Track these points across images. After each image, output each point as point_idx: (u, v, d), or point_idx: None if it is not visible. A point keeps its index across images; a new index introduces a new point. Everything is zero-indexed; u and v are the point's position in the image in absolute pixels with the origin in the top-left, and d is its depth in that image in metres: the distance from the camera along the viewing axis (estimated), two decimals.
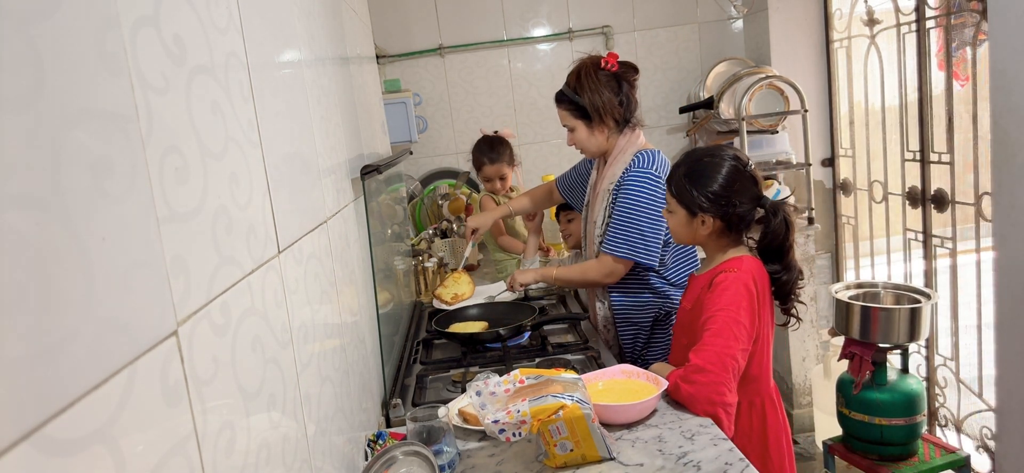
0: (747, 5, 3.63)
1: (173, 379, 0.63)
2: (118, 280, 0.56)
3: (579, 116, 1.98)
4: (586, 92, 1.95)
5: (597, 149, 2.03)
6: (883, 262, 3.11)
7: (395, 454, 1.19)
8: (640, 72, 2.03)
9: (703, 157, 1.57)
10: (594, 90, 1.94)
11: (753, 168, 1.59)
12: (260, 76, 0.98)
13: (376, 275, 1.73)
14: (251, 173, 0.89)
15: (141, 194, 0.61)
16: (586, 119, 1.98)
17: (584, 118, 1.98)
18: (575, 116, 1.99)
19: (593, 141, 2.01)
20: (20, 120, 0.46)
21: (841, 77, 3.38)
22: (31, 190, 0.47)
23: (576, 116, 1.99)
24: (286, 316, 0.97)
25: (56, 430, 0.46)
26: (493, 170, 2.99)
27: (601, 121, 1.96)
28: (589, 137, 2.00)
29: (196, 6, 0.78)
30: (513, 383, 1.30)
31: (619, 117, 1.97)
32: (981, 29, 2.38)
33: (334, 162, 1.44)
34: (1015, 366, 2.03)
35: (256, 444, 0.80)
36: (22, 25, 0.47)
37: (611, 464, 1.28)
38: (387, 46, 3.59)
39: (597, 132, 1.99)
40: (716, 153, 1.57)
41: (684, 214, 1.57)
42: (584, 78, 1.96)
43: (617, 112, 1.96)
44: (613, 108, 1.95)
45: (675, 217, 1.60)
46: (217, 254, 0.75)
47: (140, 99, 0.62)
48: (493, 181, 3.02)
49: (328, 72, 1.51)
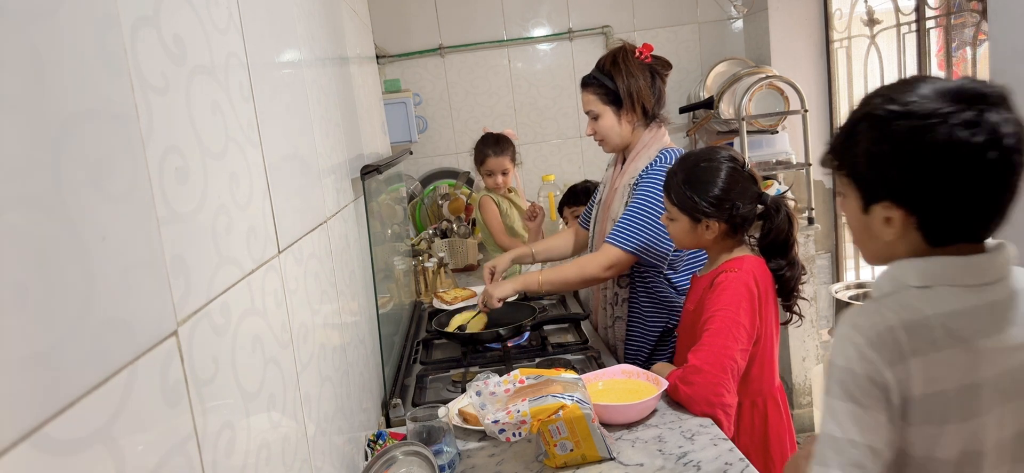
0: (747, 5, 3.63)
1: (173, 379, 0.63)
2: (118, 280, 0.56)
3: (609, 101, 1.91)
4: (621, 76, 1.88)
5: (620, 141, 1.96)
6: None
7: (395, 454, 1.19)
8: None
9: (699, 162, 1.56)
10: (630, 74, 1.88)
11: (750, 166, 1.59)
12: (260, 76, 0.98)
13: (376, 275, 1.73)
14: (251, 173, 0.89)
15: (141, 194, 0.61)
16: (616, 105, 1.91)
17: (614, 103, 1.91)
18: (604, 101, 1.92)
19: (618, 131, 1.93)
20: (20, 120, 0.46)
21: (841, 77, 3.38)
22: (31, 190, 0.47)
23: (605, 101, 1.91)
24: (286, 316, 0.97)
25: (56, 430, 0.46)
26: (496, 163, 2.99)
27: (632, 108, 1.90)
28: (615, 125, 1.93)
29: (196, 6, 0.78)
30: (513, 383, 1.30)
31: (649, 107, 1.91)
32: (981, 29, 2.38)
33: (334, 162, 1.44)
34: None
35: (256, 444, 0.80)
36: (22, 25, 0.47)
37: (611, 464, 1.28)
38: (387, 46, 3.59)
39: (624, 121, 1.92)
40: (712, 156, 1.56)
41: (687, 221, 1.56)
42: (620, 61, 1.89)
43: (649, 101, 1.90)
44: (645, 96, 1.89)
45: (678, 224, 1.59)
46: (217, 254, 0.75)
47: (140, 99, 0.62)
48: (495, 175, 3.01)
49: (328, 72, 1.51)
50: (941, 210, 0.85)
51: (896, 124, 0.84)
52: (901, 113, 0.84)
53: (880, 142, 0.86)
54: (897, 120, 0.84)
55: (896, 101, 0.85)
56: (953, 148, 0.80)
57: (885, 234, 0.89)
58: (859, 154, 0.89)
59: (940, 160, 0.81)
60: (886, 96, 0.87)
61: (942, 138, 0.80)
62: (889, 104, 0.86)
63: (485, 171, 3.03)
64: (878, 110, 0.87)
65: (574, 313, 2.23)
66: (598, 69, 1.95)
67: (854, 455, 0.83)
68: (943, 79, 0.86)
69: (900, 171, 0.85)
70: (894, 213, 0.87)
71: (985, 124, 0.80)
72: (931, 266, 0.87)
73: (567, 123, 3.82)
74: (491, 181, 3.03)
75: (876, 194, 0.89)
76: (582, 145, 3.84)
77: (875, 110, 0.88)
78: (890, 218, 0.88)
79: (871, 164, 0.88)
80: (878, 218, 0.89)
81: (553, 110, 3.80)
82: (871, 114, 0.88)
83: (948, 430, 0.85)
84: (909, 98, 0.84)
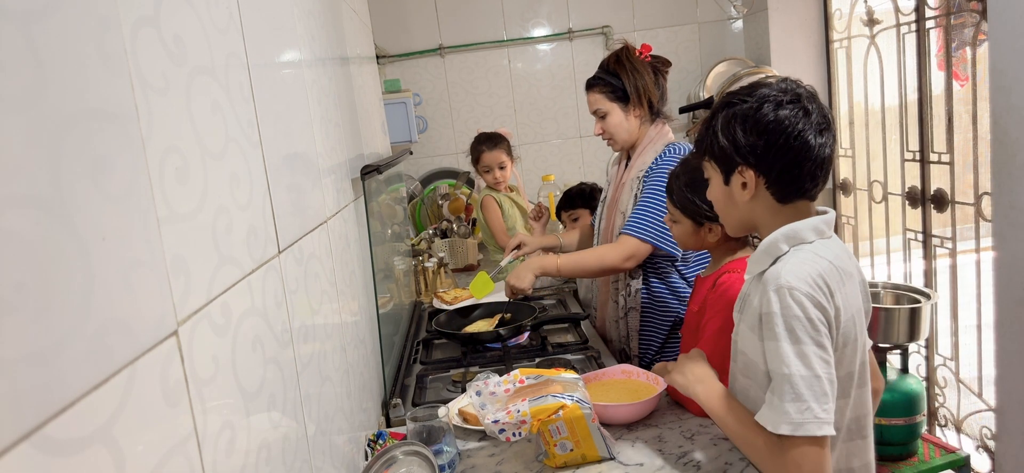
0: (747, 5, 3.63)
1: (173, 379, 0.63)
2: (118, 280, 0.56)
3: (616, 99, 1.96)
4: (626, 72, 1.94)
5: (628, 137, 2.00)
6: (883, 262, 3.11)
7: (395, 454, 1.19)
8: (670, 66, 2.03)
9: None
10: (634, 70, 1.94)
11: None
12: (260, 76, 0.98)
13: (376, 275, 1.73)
14: (251, 173, 0.89)
15: (141, 194, 0.61)
16: (623, 102, 1.96)
17: (621, 100, 1.96)
18: (611, 99, 1.96)
19: (626, 127, 1.98)
20: (20, 120, 0.46)
21: (841, 77, 3.38)
22: (31, 190, 0.47)
23: (612, 99, 1.96)
24: (286, 316, 0.97)
25: (56, 430, 0.46)
26: (491, 157, 2.99)
27: (639, 103, 1.95)
28: (623, 121, 1.97)
29: (196, 6, 0.78)
30: (513, 383, 1.30)
31: (655, 102, 1.97)
32: (981, 29, 2.38)
33: (334, 162, 1.44)
34: (1015, 366, 2.04)
35: (256, 444, 0.80)
36: (22, 25, 0.47)
37: (611, 464, 1.28)
38: (387, 46, 3.59)
39: (631, 117, 1.97)
40: None
41: (690, 224, 1.56)
42: (624, 60, 1.95)
43: (654, 96, 1.96)
44: (651, 91, 1.95)
45: (681, 227, 1.59)
46: (217, 254, 0.75)
47: (140, 99, 0.62)
48: (492, 170, 3.00)
49: (328, 72, 1.51)
50: (779, 171, 1.11)
51: (742, 106, 1.12)
52: (744, 98, 1.13)
53: (731, 120, 1.13)
54: (742, 103, 1.12)
55: (742, 92, 1.14)
56: (780, 121, 1.09)
57: (743, 197, 1.15)
58: (717, 134, 1.15)
59: (774, 129, 1.09)
60: (734, 92, 1.15)
61: (772, 113, 1.09)
62: (737, 95, 1.14)
63: (482, 167, 3.03)
64: (729, 100, 1.15)
65: (574, 313, 2.23)
66: (602, 69, 1.99)
67: (822, 387, 1.02)
68: (777, 81, 1.14)
69: (747, 137, 1.11)
70: (747, 176, 1.13)
71: (801, 107, 1.09)
72: (812, 224, 1.12)
73: (567, 123, 3.82)
74: (490, 177, 3.03)
75: (732, 163, 1.14)
76: (582, 145, 3.84)
77: (727, 100, 1.16)
78: (746, 182, 1.13)
79: (726, 137, 1.14)
80: (737, 184, 1.15)
81: (553, 110, 3.80)
82: (724, 103, 1.16)
83: (848, 350, 1.10)
84: (751, 90, 1.13)
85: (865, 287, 1.20)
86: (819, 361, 1.03)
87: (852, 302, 1.10)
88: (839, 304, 1.06)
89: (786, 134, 1.09)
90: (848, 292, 1.09)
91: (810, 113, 1.09)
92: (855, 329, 1.11)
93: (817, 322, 1.03)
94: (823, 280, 1.05)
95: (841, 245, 1.15)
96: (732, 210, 1.20)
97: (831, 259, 1.09)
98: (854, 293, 1.12)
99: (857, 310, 1.12)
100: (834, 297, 1.06)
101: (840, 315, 1.07)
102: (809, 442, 1.02)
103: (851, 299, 1.10)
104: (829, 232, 1.14)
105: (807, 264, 1.06)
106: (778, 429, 1.03)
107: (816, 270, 1.06)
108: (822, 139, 1.10)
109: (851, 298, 1.10)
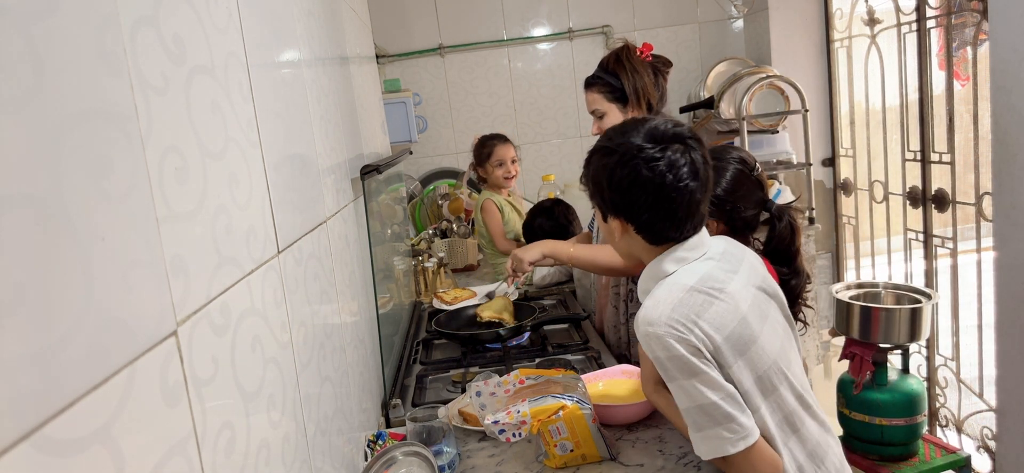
0: (747, 5, 3.63)
1: (173, 379, 0.63)
2: (118, 280, 0.56)
3: (614, 99, 1.94)
4: (626, 73, 1.91)
5: None
6: (884, 262, 3.10)
7: (395, 454, 1.19)
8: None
9: None
10: (634, 71, 1.91)
11: (759, 171, 1.58)
12: (260, 76, 0.98)
13: (376, 275, 1.73)
14: (251, 173, 0.89)
15: (141, 194, 0.61)
16: (621, 102, 1.93)
17: (619, 101, 1.94)
18: (610, 99, 1.94)
19: None
20: (20, 120, 0.46)
21: (841, 77, 3.38)
22: (31, 190, 0.47)
23: (611, 99, 1.94)
24: (286, 316, 0.97)
25: (56, 430, 0.46)
26: (504, 150, 3.01)
27: (638, 103, 1.93)
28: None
29: (196, 6, 0.78)
30: (513, 383, 1.30)
31: (654, 103, 1.94)
32: (981, 29, 2.38)
33: (334, 162, 1.44)
34: (1015, 366, 2.03)
35: (256, 444, 0.80)
36: (22, 25, 0.47)
37: (611, 464, 1.28)
38: (387, 46, 3.59)
39: (630, 117, 1.95)
40: (720, 155, 1.55)
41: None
42: (624, 59, 1.93)
43: (653, 97, 1.93)
44: (650, 92, 1.92)
45: None
46: (217, 254, 0.75)
47: (140, 99, 0.62)
48: (506, 163, 3.01)
49: (328, 72, 1.51)
50: (645, 220, 1.12)
51: (607, 159, 1.13)
52: (611, 150, 1.13)
53: (599, 171, 1.15)
54: (608, 156, 1.13)
55: (612, 141, 1.14)
56: (640, 180, 1.09)
57: (621, 236, 1.18)
58: (591, 180, 1.19)
59: (633, 186, 1.10)
60: (608, 135, 1.16)
61: (632, 170, 1.10)
62: (607, 142, 1.15)
63: (495, 161, 3.02)
64: (600, 146, 1.17)
65: (574, 313, 2.23)
66: (602, 68, 1.97)
67: (723, 409, 1.03)
68: (656, 122, 1.13)
69: (611, 193, 1.14)
70: (617, 222, 1.16)
71: (664, 160, 1.08)
72: (672, 254, 1.14)
73: (567, 123, 3.82)
74: (502, 171, 3.02)
75: (605, 209, 1.17)
76: (582, 145, 3.84)
77: (599, 146, 1.17)
78: (621, 227, 1.16)
79: (596, 188, 1.17)
80: (616, 226, 1.17)
81: (553, 110, 3.80)
82: (596, 149, 1.18)
83: (752, 352, 1.07)
84: (619, 140, 1.13)
85: (761, 277, 1.18)
86: (705, 389, 1.03)
87: (731, 313, 1.07)
88: (705, 327, 1.04)
89: (646, 190, 1.09)
90: (722, 307, 1.06)
91: (677, 164, 1.08)
92: (750, 330, 1.08)
93: (687, 355, 1.03)
94: (681, 312, 1.04)
95: (714, 256, 1.15)
96: (618, 245, 1.22)
97: (693, 284, 1.08)
98: (734, 302, 1.08)
99: (748, 310, 1.09)
100: (699, 323, 1.04)
101: (712, 336, 1.04)
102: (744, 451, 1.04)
103: (728, 312, 1.06)
104: (694, 254, 1.13)
105: (661, 304, 1.06)
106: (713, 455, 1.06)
107: (669, 306, 1.05)
108: (694, 183, 1.09)
109: (728, 311, 1.06)
